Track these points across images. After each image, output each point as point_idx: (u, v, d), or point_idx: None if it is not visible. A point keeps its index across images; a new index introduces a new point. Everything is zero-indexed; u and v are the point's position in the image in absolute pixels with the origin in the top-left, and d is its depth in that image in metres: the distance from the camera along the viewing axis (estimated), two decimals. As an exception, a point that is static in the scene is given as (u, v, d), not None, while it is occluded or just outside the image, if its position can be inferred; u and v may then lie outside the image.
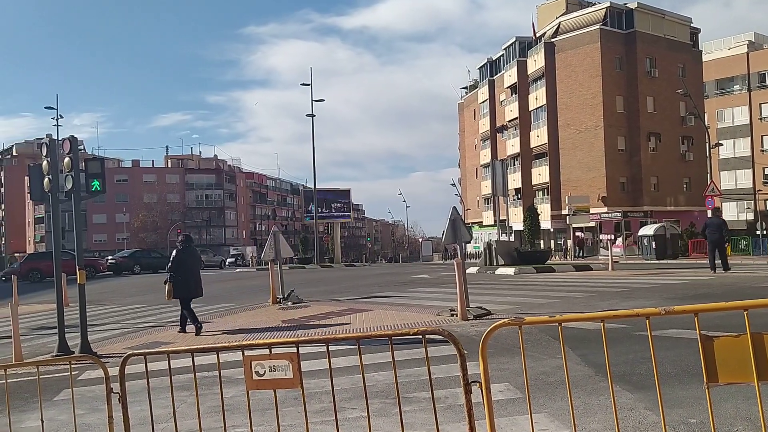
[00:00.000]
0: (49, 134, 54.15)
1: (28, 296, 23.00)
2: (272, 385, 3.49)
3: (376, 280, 23.39)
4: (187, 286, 11.90)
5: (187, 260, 12.06)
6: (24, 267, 35.92)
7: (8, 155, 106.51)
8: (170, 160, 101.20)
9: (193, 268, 12.16)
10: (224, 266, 51.11)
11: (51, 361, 8.77)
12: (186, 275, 11.86)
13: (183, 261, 11.97)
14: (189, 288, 11.93)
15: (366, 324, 11.38)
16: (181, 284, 11.86)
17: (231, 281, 28.02)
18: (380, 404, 5.89)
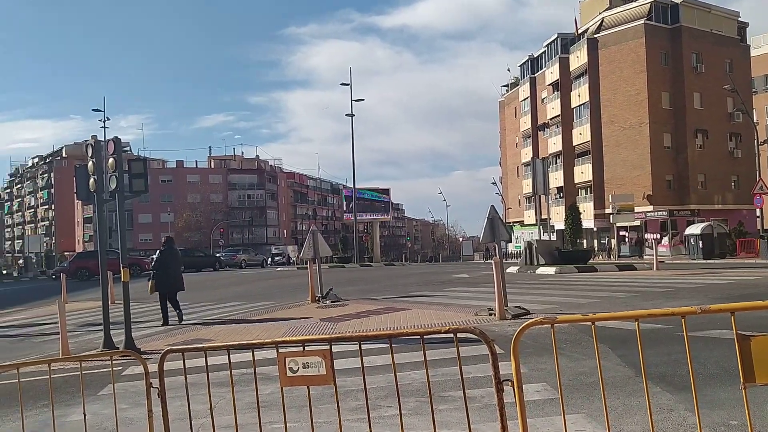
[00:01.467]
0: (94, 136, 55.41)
1: (76, 294, 23.67)
2: (305, 382, 3.53)
3: (414, 280, 23.37)
4: (168, 282, 13.70)
5: (169, 260, 13.82)
6: (73, 265, 36.95)
7: (58, 157, 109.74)
8: (213, 160, 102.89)
9: (174, 267, 13.94)
10: (265, 265, 51.71)
11: (95, 356, 9.01)
12: (167, 273, 13.67)
13: (164, 261, 13.76)
14: (169, 283, 13.73)
15: (402, 323, 11.39)
16: (163, 280, 13.65)
17: (271, 280, 28.35)
18: (416, 403, 5.88)
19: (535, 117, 65.04)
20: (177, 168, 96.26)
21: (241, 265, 47.63)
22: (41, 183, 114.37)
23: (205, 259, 43.99)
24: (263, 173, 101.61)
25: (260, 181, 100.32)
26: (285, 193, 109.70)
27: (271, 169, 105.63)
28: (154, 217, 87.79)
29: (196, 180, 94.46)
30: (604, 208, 51.78)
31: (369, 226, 61.82)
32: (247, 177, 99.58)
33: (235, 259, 49.13)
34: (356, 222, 50.44)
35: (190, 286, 25.78)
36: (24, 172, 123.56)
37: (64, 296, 14.28)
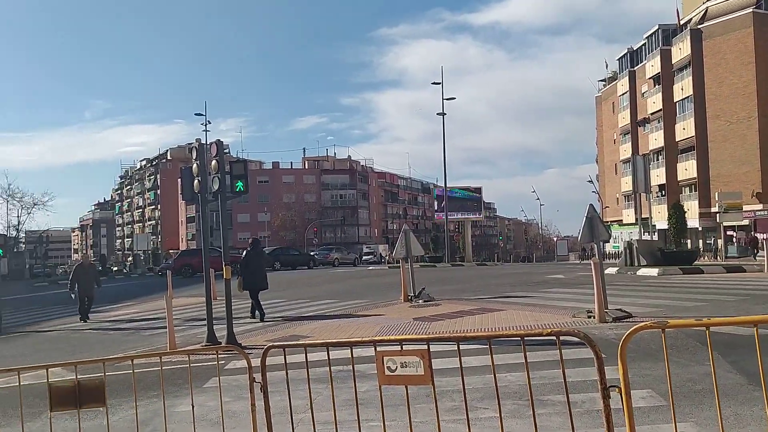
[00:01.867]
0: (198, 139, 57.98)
1: (180, 290, 24.83)
2: (404, 381, 3.53)
3: (508, 280, 23.00)
4: (254, 280, 14.45)
5: (254, 260, 14.73)
6: (177, 263, 38.80)
7: (163, 159, 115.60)
8: (307, 161, 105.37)
9: (259, 266, 14.80)
10: (357, 264, 52.42)
11: (200, 350, 9.41)
12: (254, 272, 14.47)
13: (251, 260, 14.60)
14: (255, 282, 14.50)
15: (497, 324, 11.23)
16: (249, 279, 14.43)
17: (363, 278, 28.69)
18: (513, 405, 5.78)
19: (635, 112, 62.48)
20: (273, 169, 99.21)
21: (334, 264, 48.48)
22: (148, 184, 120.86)
23: (299, 258, 45.07)
24: (355, 173, 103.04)
25: (352, 181, 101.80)
26: (376, 193, 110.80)
27: (363, 169, 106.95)
28: (252, 217, 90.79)
29: (290, 180, 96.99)
30: (710, 207, 49.09)
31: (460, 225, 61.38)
32: (339, 177, 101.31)
33: (328, 257, 50.05)
34: (447, 221, 50.20)
35: (286, 283, 26.55)
36: (133, 175, 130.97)
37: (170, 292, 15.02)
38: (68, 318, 18.13)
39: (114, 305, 21.31)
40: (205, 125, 57.82)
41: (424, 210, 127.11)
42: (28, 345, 13.80)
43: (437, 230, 75.13)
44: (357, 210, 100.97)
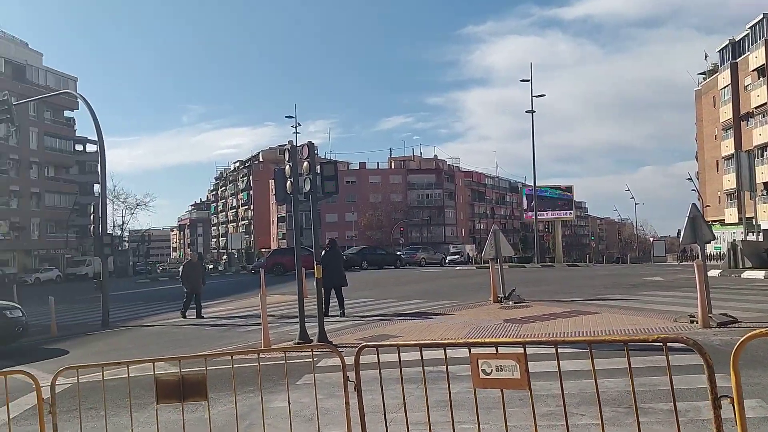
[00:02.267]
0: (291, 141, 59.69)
1: (272, 288, 25.49)
2: (499, 385, 3.47)
3: (601, 282, 22.28)
4: (331, 279, 15.02)
5: (333, 260, 15.38)
6: (269, 261, 39.95)
7: (256, 161, 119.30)
8: (393, 161, 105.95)
9: (337, 266, 15.55)
10: (444, 264, 52.22)
11: (294, 347, 9.62)
12: (332, 271, 15.02)
13: (328, 260, 14.99)
14: (333, 280, 15.17)
15: (592, 328, 10.88)
16: (327, 277, 14.53)
17: (451, 278, 28.54)
18: (612, 413, 5.58)
19: (737, 106, 59.05)
20: (360, 169, 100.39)
21: (420, 264, 48.50)
22: (241, 185, 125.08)
23: (386, 257, 45.39)
24: (441, 173, 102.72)
25: (438, 181, 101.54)
26: (462, 192, 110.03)
27: (449, 169, 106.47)
28: (340, 217, 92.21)
29: (377, 181, 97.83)
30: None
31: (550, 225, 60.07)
32: (425, 177, 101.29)
33: (414, 257, 50.14)
34: (537, 221, 49.21)
35: (373, 283, 26.80)
36: (227, 176, 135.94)
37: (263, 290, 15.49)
38: (169, 313, 19.02)
39: (210, 302, 22.16)
40: (295, 127, 59.29)
41: (511, 209, 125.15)
42: (133, 338, 14.57)
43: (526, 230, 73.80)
44: (443, 209, 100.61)
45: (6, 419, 6.42)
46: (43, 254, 66.31)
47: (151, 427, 5.32)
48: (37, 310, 18.60)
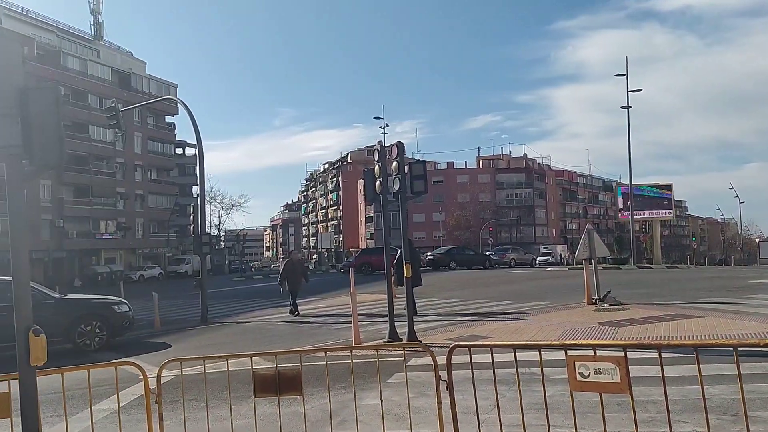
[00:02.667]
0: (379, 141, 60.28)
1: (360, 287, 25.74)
2: (597, 389, 3.37)
3: (703, 284, 21.19)
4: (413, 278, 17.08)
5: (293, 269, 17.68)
6: (358, 260, 40.51)
7: (344, 162, 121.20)
8: (481, 160, 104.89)
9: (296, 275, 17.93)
10: (534, 264, 51.19)
11: (385, 345, 9.70)
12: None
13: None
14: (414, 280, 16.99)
15: (696, 332, 10.37)
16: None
17: (542, 279, 27.95)
18: (716, 420, 5.31)
19: None
20: (447, 169, 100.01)
21: (510, 264, 47.78)
22: (331, 186, 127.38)
23: (475, 257, 44.98)
24: (531, 172, 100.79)
25: (528, 180, 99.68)
26: (553, 192, 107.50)
27: (539, 168, 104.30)
28: (427, 217, 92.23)
29: (465, 180, 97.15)
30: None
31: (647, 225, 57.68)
32: (514, 176, 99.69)
33: (504, 257, 49.45)
34: (633, 221, 47.37)
35: (462, 283, 26.64)
36: (317, 177, 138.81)
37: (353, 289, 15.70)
38: (264, 310, 19.63)
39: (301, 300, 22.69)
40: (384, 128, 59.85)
41: (605, 209, 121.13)
42: (230, 334, 15.12)
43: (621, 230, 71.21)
44: (533, 209, 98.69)
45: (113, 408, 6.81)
46: (146, 253, 70.04)
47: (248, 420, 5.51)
48: (142, 305, 19.63)
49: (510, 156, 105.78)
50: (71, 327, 13.18)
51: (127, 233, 66.04)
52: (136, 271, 59.38)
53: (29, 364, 3.88)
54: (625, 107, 44.80)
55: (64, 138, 4.01)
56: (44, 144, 3.79)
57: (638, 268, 38.09)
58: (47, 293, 13.57)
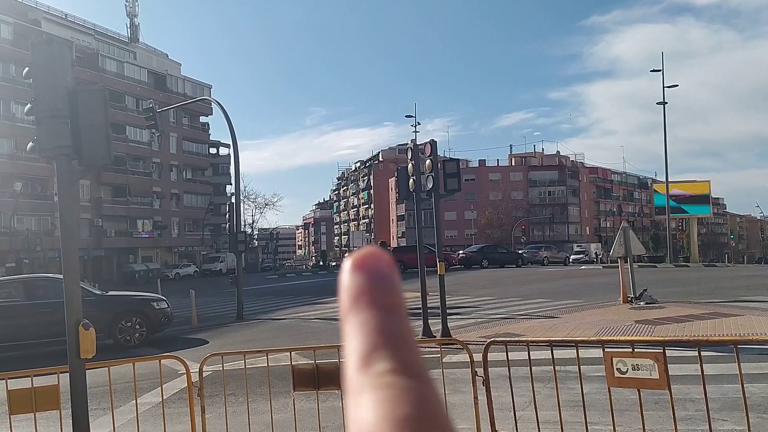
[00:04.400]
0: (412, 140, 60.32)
1: (394, 285, 25.86)
2: (635, 384, 3.37)
3: (742, 283, 20.79)
4: None
5: None
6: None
7: (376, 161, 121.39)
8: (514, 158, 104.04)
9: None
10: (567, 263, 50.67)
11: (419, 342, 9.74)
12: None
13: None
14: None
15: (734, 330, 10.20)
16: None
17: (576, 278, 27.68)
18: (756, 419, 5.25)
19: None
20: (479, 167, 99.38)
21: (543, 262, 47.35)
22: (362, 185, 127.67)
23: (507, 256, 44.68)
24: (564, 169, 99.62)
25: (561, 177, 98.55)
26: (587, 189, 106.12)
27: (572, 165, 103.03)
28: (459, 215, 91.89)
29: (497, 178, 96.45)
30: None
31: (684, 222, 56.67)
32: (547, 174, 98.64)
33: (536, 255, 49.02)
34: (669, 218, 46.57)
35: (495, 281, 26.53)
36: (348, 176, 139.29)
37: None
38: (298, 307, 19.83)
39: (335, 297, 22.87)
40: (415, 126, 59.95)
41: (641, 206, 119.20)
42: (265, 330, 15.33)
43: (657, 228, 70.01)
44: (567, 207, 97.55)
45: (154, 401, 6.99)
46: (182, 251, 71.12)
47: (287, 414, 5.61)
48: (178, 302, 20.00)
49: (543, 153, 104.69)
50: (112, 323, 13.51)
51: (163, 232, 67.14)
52: (172, 269, 60.32)
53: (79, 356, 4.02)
54: (660, 103, 44.09)
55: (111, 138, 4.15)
56: (92, 144, 3.93)
57: (675, 266, 37.47)
58: (89, 290, 13.92)
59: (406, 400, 0.32)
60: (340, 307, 0.38)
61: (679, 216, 50.15)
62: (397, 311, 0.37)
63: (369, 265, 0.38)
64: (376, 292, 0.37)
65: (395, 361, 0.34)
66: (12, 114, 49.25)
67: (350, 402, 0.34)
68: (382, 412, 0.32)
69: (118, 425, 5.39)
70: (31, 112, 4.15)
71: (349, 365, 0.36)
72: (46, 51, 4.05)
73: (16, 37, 50.57)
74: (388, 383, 0.33)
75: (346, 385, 0.35)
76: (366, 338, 0.36)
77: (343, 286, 0.38)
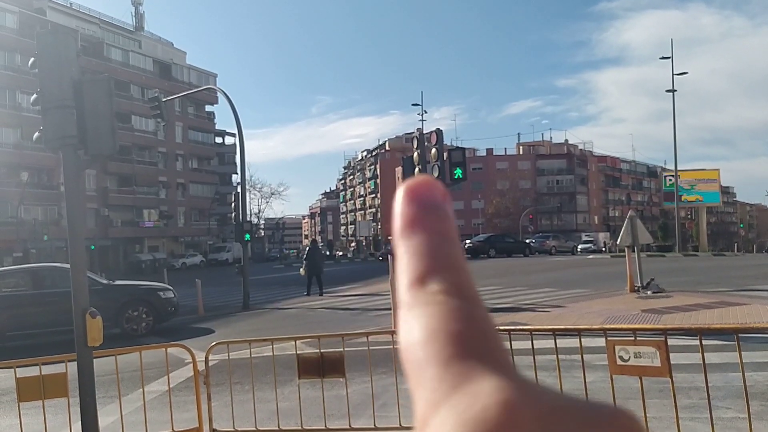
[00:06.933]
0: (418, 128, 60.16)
1: (400, 274, 25.90)
2: (637, 372, 3.38)
3: (751, 272, 20.73)
4: (313, 269, 19.53)
5: (313, 254, 19.57)
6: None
7: (382, 150, 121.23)
8: (521, 147, 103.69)
9: (316, 259, 19.72)
10: (575, 252, 50.61)
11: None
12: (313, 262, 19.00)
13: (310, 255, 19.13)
14: (314, 270, 19.54)
15: (741, 319, 10.19)
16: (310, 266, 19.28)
17: (584, 267, 27.68)
18: (760, 407, 5.26)
19: None
20: (487, 156, 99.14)
21: (550, 252, 47.32)
22: (368, 174, 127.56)
23: (515, 245, 44.67)
24: (572, 158, 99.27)
25: (569, 166, 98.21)
26: (596, 178, 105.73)
27: (581, 153, 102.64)
28: (466, 204, 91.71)
29: (504, 167, 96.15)
30: None
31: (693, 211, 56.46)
32: (555, 162, 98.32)
33: (544, 245, 49.00)
34: (678, 207, 46.40)
35: (502, 270, 26.53)
36: (354, 165, 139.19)
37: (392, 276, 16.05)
38: (304, 297, 19.90)
39: (341, 287, 22.95)
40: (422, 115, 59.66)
41: (650, 195, 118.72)
42: (271, 320, 15.40)
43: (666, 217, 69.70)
44: (575, 196, 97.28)
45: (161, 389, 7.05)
46: (188, 241, 71.39)
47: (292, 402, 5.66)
48: (184, 292, 20.11)
49: (551, 142, 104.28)
50: (119, 312, 13.60)
51: (170, 221, 67.36)
52: (179, 259, 60.58)
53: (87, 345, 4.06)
54: (670, 91, 43.84)
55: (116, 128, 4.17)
56: (98, 134, 3.95)
57: (683, 255, 37.39)
58: (96, 279, 14.01)
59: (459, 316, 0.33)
60: (393, 232, 0.40)
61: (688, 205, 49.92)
62: (450, 237, 0.39)
63: (423, 193, 0.40)
64: (430, 218, 0.39)
65: (448, 282, 0.35)
66: (18, 104, 49.40)
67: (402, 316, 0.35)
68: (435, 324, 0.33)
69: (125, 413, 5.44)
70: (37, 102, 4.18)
71: (402, 284, 0.37)
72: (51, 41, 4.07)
73: (21, 26, 50.64)
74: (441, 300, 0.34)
75: (398, 301, 0.36)
76: (420, 260, 0.37)
77: (398, 212, 0.40)
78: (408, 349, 0.33)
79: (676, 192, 45.59)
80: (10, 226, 44.36)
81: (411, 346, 0.33)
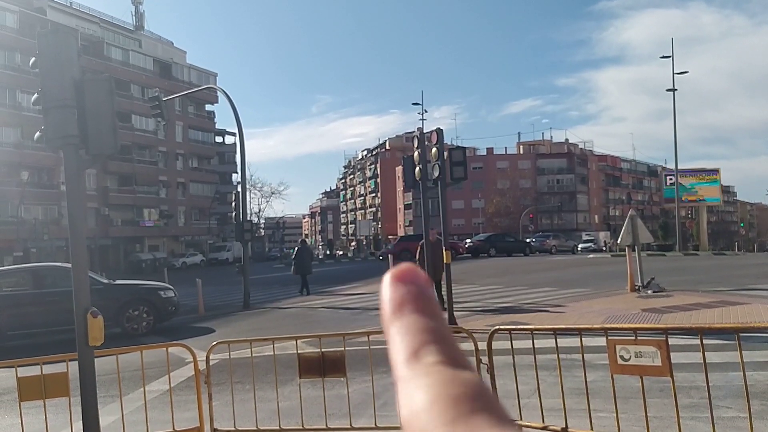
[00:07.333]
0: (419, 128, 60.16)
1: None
2: (638, 371, 3.39)
3: (752, 271, 20.74)
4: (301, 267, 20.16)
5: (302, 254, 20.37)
6: (397, 247, 40.58)
7: (382, 149, 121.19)
8: (522, 146, 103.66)
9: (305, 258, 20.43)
10: (576, 251, 50.60)
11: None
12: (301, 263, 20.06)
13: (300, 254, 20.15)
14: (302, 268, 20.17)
15: (741, 319, 10.19)
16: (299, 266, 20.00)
17: (584, 266, 27.68)
18: (760, 406, 5.26)
19: None
20: (487, 155, 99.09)
21: (551, 251, 47.30)
22: (369, 173, 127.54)
23: (515, 244, 44.65)
24: (573, 157, 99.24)
25: (570, 165, 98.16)
26: (596, 177, 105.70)
27: (581, 153, 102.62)
28: (466, 203, 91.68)
29: (505, 166, 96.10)
30: None
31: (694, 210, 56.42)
32: (556, 161, 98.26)
33: (544, 244, 48.97)
34: (678, 206, 46.39)
35: (503, 270, 26.51)
36: (355, 164, 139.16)
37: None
38: (304, 296, 19.91)
39: (341, 286, 22.96)
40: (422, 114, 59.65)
41: (650, 194, 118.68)
42: (272, 319, 15.41)
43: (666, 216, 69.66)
44: (575, 195, 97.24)
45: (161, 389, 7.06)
46: (188, 240, 71.35)
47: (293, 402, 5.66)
48: (185, 291, 20.11)
49: (551, 141, 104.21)
50: (120, 312, 13.60)
51: (170, 221, 67.32)
52: (179, 258, 60.56)
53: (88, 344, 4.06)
54: (670, 90, 43.81)
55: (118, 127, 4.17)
56: (99, 133, 3.95)
57: (684, 254, 37.38)
58: (97, 279, 14.01)
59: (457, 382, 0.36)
60: (382, 315, 0.43)
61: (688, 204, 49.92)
62: (437, 315, 0.42)
63: (408, 278, 0.44)
64: (417, 300, 0.42)
65: (442, 354, 0.39)
66: (18, 103, 49.38)
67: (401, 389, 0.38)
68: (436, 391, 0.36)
69: (126, 412, 5.44)
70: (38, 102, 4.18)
71: (398, 360, 0.40)
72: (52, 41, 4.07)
73: (22, 25, 50.62)
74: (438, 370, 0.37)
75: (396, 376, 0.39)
76: (413, 336, 0.40)
77: (386, 296, 0.43)
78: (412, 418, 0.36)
79: (677, 191, 45.58)
80: (10, 225, 44.37)
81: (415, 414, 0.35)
